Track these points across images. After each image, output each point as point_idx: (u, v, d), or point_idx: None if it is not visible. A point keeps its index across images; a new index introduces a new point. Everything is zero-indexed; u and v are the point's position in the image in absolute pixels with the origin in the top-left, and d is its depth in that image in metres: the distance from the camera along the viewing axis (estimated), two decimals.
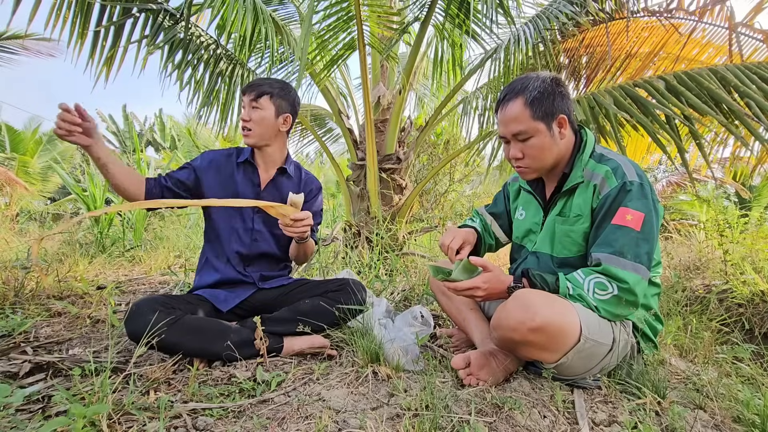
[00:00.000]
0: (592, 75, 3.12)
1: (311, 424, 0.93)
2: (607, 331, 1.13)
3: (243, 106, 1.54)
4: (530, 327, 1.03)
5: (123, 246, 4.05)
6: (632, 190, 1.12)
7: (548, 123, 1.18)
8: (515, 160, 1.24)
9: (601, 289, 1.09)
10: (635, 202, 1.11)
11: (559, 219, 1.25)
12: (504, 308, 1.10)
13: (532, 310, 1.03)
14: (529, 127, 1.18)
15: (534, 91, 1.18)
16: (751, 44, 2.70)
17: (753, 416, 1.04)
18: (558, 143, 1.21)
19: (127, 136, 19.54)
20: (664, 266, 2.91)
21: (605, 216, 1.14)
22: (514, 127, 1.19)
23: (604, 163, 1.20)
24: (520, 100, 1.18)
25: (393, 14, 2.88)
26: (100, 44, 2.58)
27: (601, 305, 1.10)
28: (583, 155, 1.23)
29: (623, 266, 1.08)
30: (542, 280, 1.15)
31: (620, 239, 1.09)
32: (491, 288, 1.15)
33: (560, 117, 1.19)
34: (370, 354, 1.26)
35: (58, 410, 0.97)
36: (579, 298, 1.11)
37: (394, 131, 3.39)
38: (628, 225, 1.10)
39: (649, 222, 1.11)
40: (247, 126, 1.51)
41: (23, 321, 1.59)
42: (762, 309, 2.13)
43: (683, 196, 8.75)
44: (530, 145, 1.20)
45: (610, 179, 1.16)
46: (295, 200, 1.36)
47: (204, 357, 1.28)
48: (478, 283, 1.14)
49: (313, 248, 1.64)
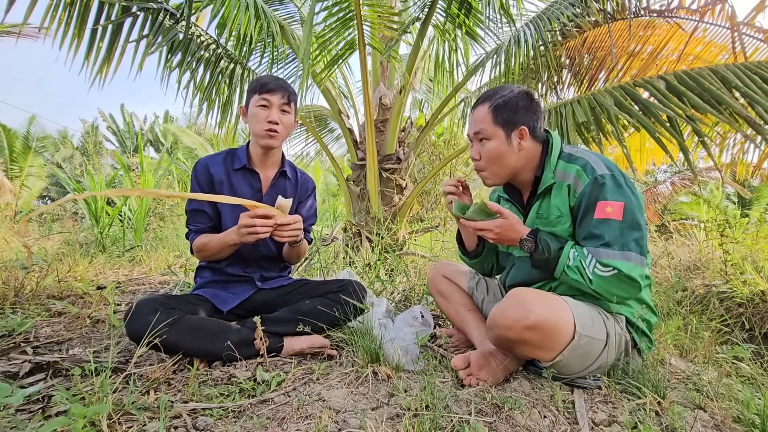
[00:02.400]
0: (595, 75, 3.12)
1: (311, 424, 0.93)
2: (600, 327, 1.15)
3: (264, 105, 1.44)
4: (525, 325, 1.05)
5: (123, 246, 4.06)
6: (605, 183, 1.15)
7: (507, 131, 1.24)
8: (474, 162, 1.32)
9: (604, 267, 1.10)
10: (612, 194, 1.14)
11: (539, 221, 1.28)
12: (499, 307, 1.12)
13: (527, 309, 1.06)
14: (488, 130, 1.25)
15: (499, 99, 1.25)
16: (752, 44, 2.70)
17: (753, 416, 1.04)
18: (515, 153, 1.26)
19: (126, 136, 19.54)
20: (664, 266, 2.91)
21: (585, 213, 1.17)
22: (476, 127, 1.28)
23: (573, 162, 1.23)
24: (486, 104, 1.27)
25: (394, 14, 2.88)
26: (96, 45, 2.57)
27: (597, 280, 1.10)
28: (551, 157, 1.26)
29: (612, 257, 1.09)
30: (546, 245, 1.17)
31: (605, 232, 1.12)
32: (503, 233, 1.20)
33: (521, 128, 1.24)
34: (370, 354, 1.26)
35: (58, 410, 0.97)
36: (576, 270, 1.13)
37: (395, 131, 3.39)
38: (609, 217, 1.13)
39: (629, 210, 1.13)
40: (276, 129, 1.45)
41: (23, 321, 1.59)
42: (762, 309, 2.13)
43: (683, 197, 8.75)
44: (487, 149, 1.26)
45: (582, 177, 1.19)
46: (283, 204, 1.34)
47: (204, 357, 1.28)
48: (491, 226, 1.20)
49: (305, 250, 1.62)
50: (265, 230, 1.31)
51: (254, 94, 1.46)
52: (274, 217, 1.31)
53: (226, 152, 1.57)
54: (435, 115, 3.50)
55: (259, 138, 1.46)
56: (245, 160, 1.52)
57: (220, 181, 1.51)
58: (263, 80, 1.46)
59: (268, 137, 1.45)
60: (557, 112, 2.61)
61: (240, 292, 1.53)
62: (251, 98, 1.47)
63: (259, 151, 1.53)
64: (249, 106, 1.48)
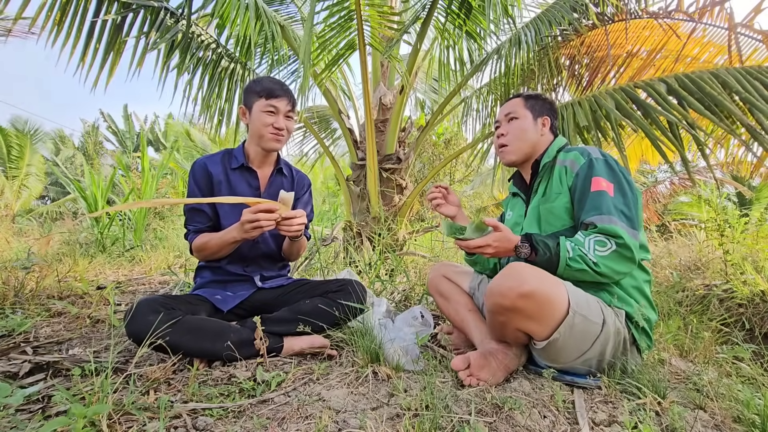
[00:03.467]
0: (593, 76, 3.12)
1: (311, 424, 0.93)
2: (597, 311, 1.16)
3: (272, 111, 1.47)
4: (519, 292, 1.08)
5: (123, 246, 4.06)
6: (598, 165, 1.27)
7: (534, 115, 1.45)
8: (499, 138, 1.48)
9: (602, 246, 1.16)
10: (603, 174, 1.25)
11: (542, 200, 1.37)
12: (497, 278, 1.15)
13: (522, 278, 1.10)
14: (519, 111, 1.46)
15: (531, 93, 1.51)
16: (751, 44, 2.70)
17: (753, 416, 1.04)
18: (537, 134, 1.44)
19: (126, 136, 19.55)
20: (664, 266, 2.91)
21: (583, 188, 1.26)
22: (508, 109, 1.47)
23: (572, 151, 1.37)
24: (519, 97, 1.50)
25: (394, 14, 2.88)
26: (93, 45, 2.54)
27: (602, 260, 1.15)
28: (553, 146, 1.43)
29: (615, 223, 1.16)
30: (544, 244, 1.20)
31: (605, 202, 1.20)
32: (500, 246, 1.22)
33: (544, 118, 1.46)
34: (370, 354, 1.26)
35: (58, 410, 0.97)
36: (579, 259, 1.16)
37: (395, 131, 3.39)
38: (605, 190, 1.22)
39: (620, 190, 1.23)
40: (281, 134, 1.49)
41: (23, 321, 1.59)
42: (762, 309, 2.13)
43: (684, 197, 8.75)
44: (515, 125, 1.45)
45: (578, 159, 1.32)
46: (286, 197, 1.35)
47: (204, 357, 1.28)
48: (489, 241, 1.22)
49: (305, 245, 1.64)
50: (268, 224, 1.31)
51: (260, 98, 1.47)
52: (277, 211, 1.32)
53: (224, 152, 1.59)
54: (435, 114, 3.50)
55: (265, 142, 1.50)
56: (243, 159, 1.54)
57: (218, 181, 1.52)
58: (269, 85, 1.48)
59: (274, 141, 1.50)
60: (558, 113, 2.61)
61: (240, 291, 1.53)
62: (255, 101, 1.48)
63: (258, 151, 1.55)
64: (252, 109, 1.49)
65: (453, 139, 5.23)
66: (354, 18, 2.59)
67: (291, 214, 1.35)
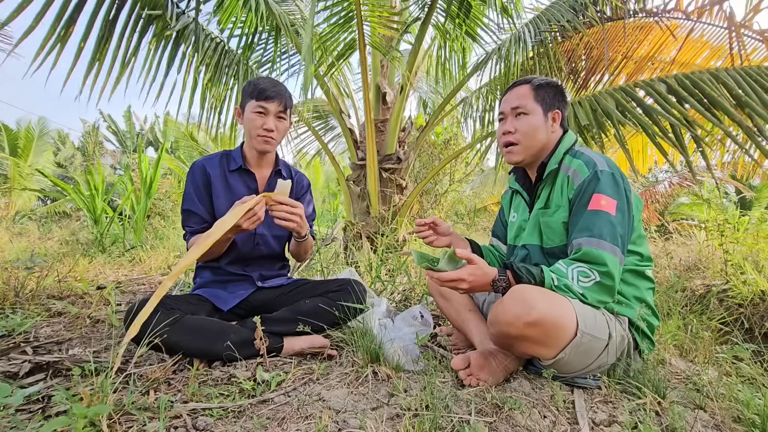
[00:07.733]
0: (590, 75, 3.12)
1: (311, 424, 0.93)
2: (603, 326, 1.13)
3: (261, 112, 1.45)
4: (527, 321, 1.03)
5: (123, 246, 4.06)
6: (603, 179, 1.18)
7: (545, 110, 1.31)
8: (505, 135, 1.34)
9: (585, 277, 1.11)
10: (607, 190, 1.17)
11: (542, 211, 1.31)
12: (501, 303, 1.09)
13: (529, 304, 1.03)
14: (529, 105, 1.31)
15: (541, 81, 1.34)
16: (750, 44, 2.71)
17: (753, 416, 1.04)
18: (547, 131, 1.32)
19: (127, 136, 19.53)
20: (663, 266, 2.91)
21: (581, 204, 1.19)
22: (515, 101, 1.32)
23: (578, 158, 1.27)
24: (527, 84, 1.33)
25: (394, 14, 2.88)
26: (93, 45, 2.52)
27: (588, 293, 1.11)
28: (560, 147, 1.32)
29: (603, 248, 1.11)
30: (527, 272, 1.13)
31: (598, 223, 1.14)
32: (476, 280, 1.12)
33: (555, 111, 1.32)
34: (370, 354, 1.26)
35: (58, 410, 0.97)
36: (565, 288, 1.12)
37: (395, 131, 3.39)
38: (603, 209, 1.15)
39: (621, 209, 1.16)
40: (272, 136, 1.47)
41: (23, 321, 1.59)
42: (762, 309, 2.13)
43: (684, 197, 8.75)
44: (524, 122, 1.31)
45: (582, 170, 1.23)
46: (283, 186, 1.34)
47: (204, 357, 1.28)
48: (463, 275, 1.11)
49: (312, 245, 1.64)
50: (262, 208, 1.29)
51: (251, 99, 1.45)
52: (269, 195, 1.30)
53: (222, 154, 1.58)
54: (435, 114, 3.50)
55: (255, 143, 1.49)
56: (240, 161, 1.54)
57: (216, 183, 1.52)
58: (261, 86, 1.45)
59: (263, 143, 1.48)
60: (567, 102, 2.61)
61: (239, 291, 1.53)
62: (248, 102, 1.47)
63: (254, 153, 1.55)
64: (245, 109, 1.48)
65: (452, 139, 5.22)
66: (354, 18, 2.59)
67: (285, 200, 1.32)
